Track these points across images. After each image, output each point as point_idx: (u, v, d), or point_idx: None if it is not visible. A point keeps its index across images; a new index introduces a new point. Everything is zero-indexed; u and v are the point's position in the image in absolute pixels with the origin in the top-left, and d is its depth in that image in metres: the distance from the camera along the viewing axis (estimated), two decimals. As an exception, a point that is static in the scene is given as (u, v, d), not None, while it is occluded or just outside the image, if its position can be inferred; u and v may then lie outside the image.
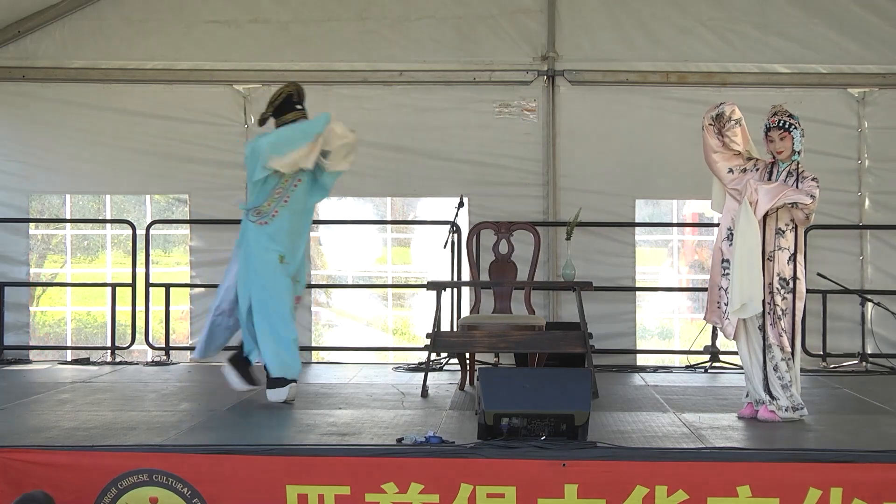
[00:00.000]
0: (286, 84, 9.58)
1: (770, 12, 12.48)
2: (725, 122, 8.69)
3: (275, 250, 9.25)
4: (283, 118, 9.45)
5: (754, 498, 6.71)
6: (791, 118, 8.74)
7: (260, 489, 6.76)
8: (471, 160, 12.50)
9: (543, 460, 6.77)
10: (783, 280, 8.53)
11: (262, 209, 9.29)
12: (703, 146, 8.80)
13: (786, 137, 8.69)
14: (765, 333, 8.52)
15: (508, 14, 12.56)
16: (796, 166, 8.68)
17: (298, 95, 9.56)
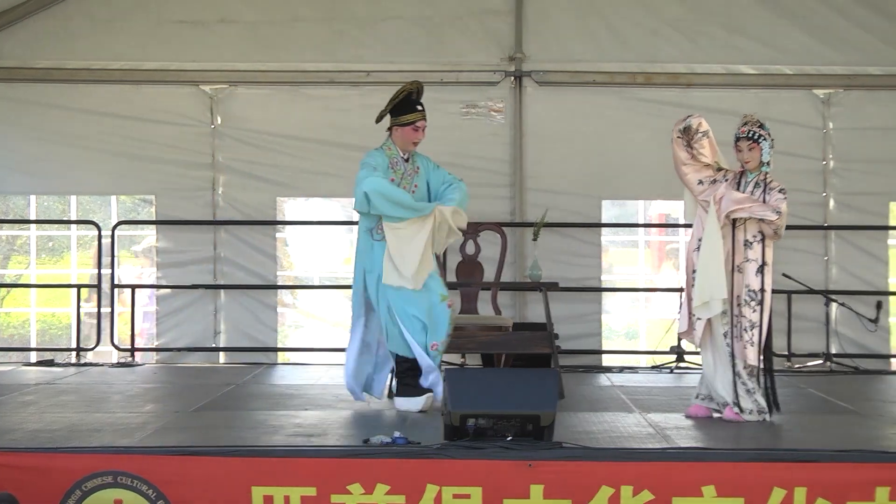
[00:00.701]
0: (408, 82, 9.23)
1: (736, 13, 12.53)
2: (693, 134, 8.73)
3: None
4: (401, 118, 9.12)
5: (719, 498, 6.73)
6: (761, 129, 8.75)
7: (225, 490, 6.74)
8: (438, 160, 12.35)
9: (509, 461, 6.77)
10: (752, 292, 8.56)
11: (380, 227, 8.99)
12: (674, 159, 8.83)
13: (754, 148, 8.72)
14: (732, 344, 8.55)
15: (476, 15, 12.57)
16: (764, 177, 8.71)
17: (418, 94, 9.22)
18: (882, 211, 12.57)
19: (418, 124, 9.11)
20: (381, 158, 9.05)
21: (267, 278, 12.55)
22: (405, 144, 9.15)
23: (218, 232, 12.54)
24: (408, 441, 7.21)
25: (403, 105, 9.12)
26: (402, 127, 9.12)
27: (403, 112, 9.12)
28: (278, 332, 12.70)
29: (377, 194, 8.78)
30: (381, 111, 9.20)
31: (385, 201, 8.80)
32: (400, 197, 8.87)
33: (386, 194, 8.81)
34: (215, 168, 12.54)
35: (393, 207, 8.82)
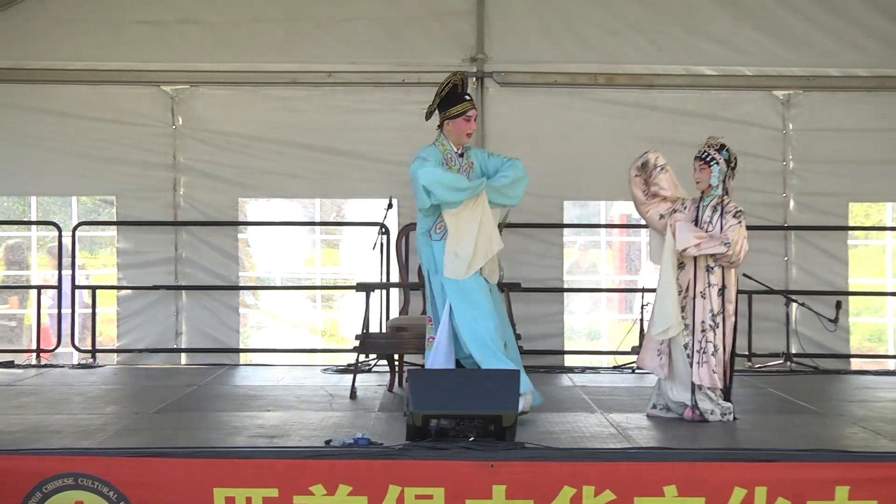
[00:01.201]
0: (451, 74, 9.05)
1: (697, 15, 12.58)
2: (651, 170, 8.84)
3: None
4: (451, 111, 8.91)
5: (680, 497, 6.76)
6: (717, 152, 8.79)
7: (187, 492, 6.72)
8: (400, 161, 12.45)
9: (472, 461, 6.78)
10: (714, 315, 8.61)
11: (442, 223, 8.76)
12: (633, 201, 8.92)
13: (704, 169, 8.79)
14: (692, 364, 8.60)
15: (437, 16, 12.57)
16: (720, 200, 8.74)
17: (464, 85, 9.02)
18: (841, 211, 12.64)
19: (469, 114, 8.90)
20: (435, 154, 8.89)
21: (229, 279, 12.52)
22: (458, 137, 8.94)
23: (179, 233, 12.50)
24: (370, 442, 7.21)
25: (451, 98, 8.93)
26: (452, 120, 8.90)
27: (452, 104, 8.92)
28: (240, 333, 12.67)
29: (435, 184, 8.59)
30: (428, 108, 9.09)
31: (444, 188, 8.61)
32: (455, 180, 8.69)
33: (443, 181, 8.63)
34: (176, 169, 12.50)
35: (453, 192, 8.63)
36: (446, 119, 8.92)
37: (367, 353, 10.75)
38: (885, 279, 13.16)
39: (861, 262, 13.53)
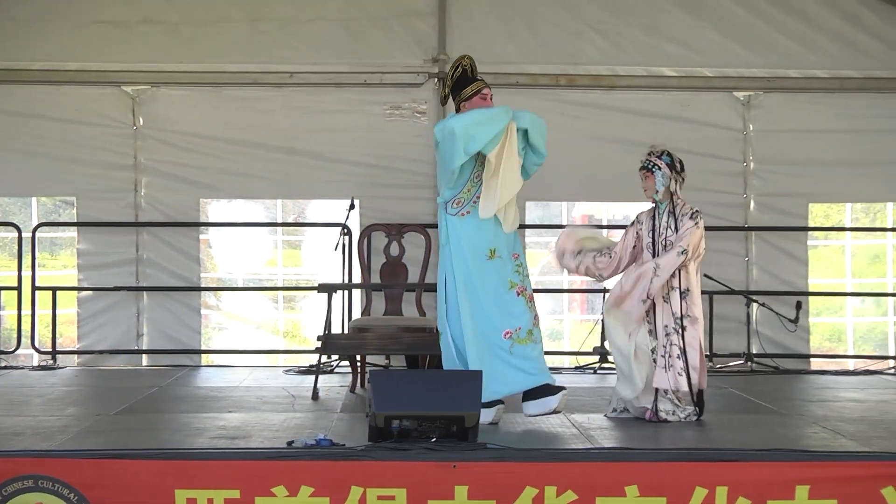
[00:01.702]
0: (459, 57, 8.86)
1: (658, 16, 12.63)
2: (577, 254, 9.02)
3: (483, 245, 8.54)
4: (465, 92, 8.69)
5: (642, 497, 6.77)
6: (658, 159, 8.84)
7: (148, 494, 6.69)
8: (362, 162, 12.50)
9: (434, 462, 6.77)
10: (677, 319, 8.65)
11: (462, 198, 8.57)
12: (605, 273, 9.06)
13: (648, 177, 8.84)
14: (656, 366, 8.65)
15: (399, 16, 12.57)
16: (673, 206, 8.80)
17: (472, 68, 8.80)
18: (801, 212, 12.71)
19: (484, 92, 8.69)
20: None
21: (190, 280, 12.49)
22: None
23: (140, 234, 12.46)
24: (332, 443, 7.20)
25: (462, 81, 8.75)
26: (468, 101, 8.68)
27: (465, 86, 8.72)
28: (202, 335, 12.63)
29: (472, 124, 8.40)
30: (442, 94, 8.98)
31: (478, 126, 8.40)
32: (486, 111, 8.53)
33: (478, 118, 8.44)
34: (137, 169, 12.46)
35: (491, 123, 8.42)
36: (462, 101, 8.72)
37: (329, 354, 10.76)
38: (844, 279, 13.24)
39: (821, 263, 13.60)
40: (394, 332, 10.32)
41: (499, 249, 8.53)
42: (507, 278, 8.55)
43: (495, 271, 8.51)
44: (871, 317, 13.81)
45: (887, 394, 10.51)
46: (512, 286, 8.53)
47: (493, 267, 8.51)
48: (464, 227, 8.52)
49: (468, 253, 8.49)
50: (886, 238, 13.28)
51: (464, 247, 8.50)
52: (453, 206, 8.57)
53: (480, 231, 8.51)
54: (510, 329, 8.49)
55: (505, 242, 8.58)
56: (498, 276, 8.52)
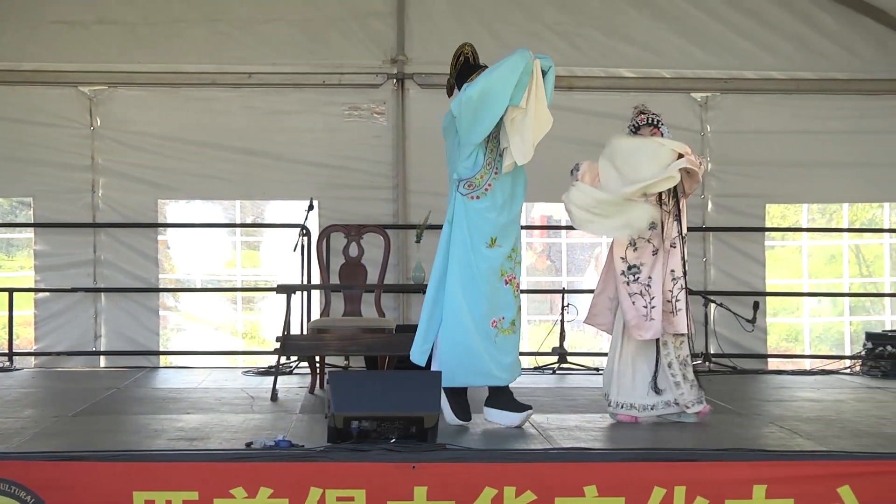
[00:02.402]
0: (460, 46, 8.71)
1: (616, 18, 12.67)
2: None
3: (486, 233, 8.43)
4: (470, 80, 8.49)
5: (601, 497, 6.80)
6: (655, 115, 9.00)
7: (106, 496, 6.67)
8: (321, 163, 12.48)
9: (393, 463, 6.78)
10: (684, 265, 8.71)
11: (475, 181, 8.45)
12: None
13: (656, 133, 8.93)
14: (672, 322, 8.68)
15: (358, 17, 12.56)
16: None
17: (474, 55, 8.69)
18: (758, 213, 12.78)
19: None
20: None
21: (148, 281, 12.44)
22: None
23: (98, 235, 12.40)
24: (291, 444, 7.19)
25: (466, 69, 8.61)
26: None
27: (469, 74, 8.56)
28: (160, 336, 12.59)
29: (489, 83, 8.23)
30: (447, 83, 8.75)
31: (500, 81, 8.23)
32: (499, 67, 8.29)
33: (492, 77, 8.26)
34: (95, 170, 12.40)
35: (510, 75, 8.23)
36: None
37: (287, 354, 10.75)
38: (801, 280, 13.32)
39: (778, 263, 13.68)
40: (353, 333, 10.32)
41: (500, 238, 8.45)
42: (500, 266, 8.47)
43: (492, 259, 8.44)
44: (828, 317, 13.90)
45: (843, 393, 10.58)
46: (502, 274, 8.47)
47: (491, 255, 8.43)
48: (470, 209, 8.43)
49: (469, 236, 8.41)
50: (842, 239, 13.38)
51: (465, 229, 8.42)
52: (465, 186, 8.46)
53: (485, 218, 8.42)
54: (496, 318, 8.43)
55: (505, 230, 8.50)
56: (493, 264, 8.45)
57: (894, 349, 11.84)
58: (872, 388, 10.99)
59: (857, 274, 13.82)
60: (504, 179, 8.50)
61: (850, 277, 13.47)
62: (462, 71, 8.64)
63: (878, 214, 13.75)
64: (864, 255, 13.97)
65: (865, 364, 12.03)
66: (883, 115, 12.75)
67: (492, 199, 8.45)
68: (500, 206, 8.46)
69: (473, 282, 8.38)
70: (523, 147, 8.34)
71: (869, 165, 12.72)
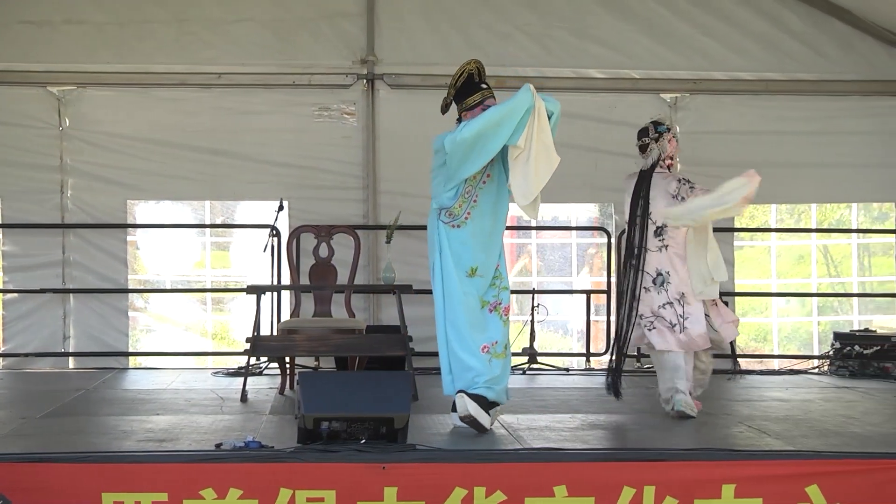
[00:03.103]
0: (466, 62, 8.49)
1: (586, 19, 12.69)
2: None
3: (466, 262, 8.39)
4: (467, 102, 8.41)
5: (571, 497, 6.82)
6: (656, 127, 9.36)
7: (75, 497, 6.66)
8: (291, 163, 12.46)
9: (363, 463, 6.79)
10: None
11: (455, 211, 8.42)
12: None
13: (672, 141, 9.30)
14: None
15: (328, 17, 12.55)
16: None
17: (479, 73, 8.48)
18: (729, 214, 12.82)
19: (487, 103, 8.38)
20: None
21: (118, 282, 12.40)
22: None
23: (67, 235, 12.34)
24: (261, 445, 7.19)
25: (466, 88, 8.45)
26: (471, 111, 8.40)
27: (468, 94, 8.43)
28: (129, 337, 12.54)
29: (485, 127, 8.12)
30: (443, 100, 8.60)
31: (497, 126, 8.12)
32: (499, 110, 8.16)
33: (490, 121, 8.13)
34: (63, 171, 12.35)
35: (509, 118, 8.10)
36: (465, 111, 8.46)
37: (257, 355, 10.73)
38: (770, 280, 13.37)
39: (746, 264, 13.74)
40: (323, 334, 10.30)
41: (481, 268, 8.42)
42: (480, 297, 8.44)
43: (474, 288, 8.40)
44: (796, 317, 13.98)
45: (812, 393, 10.64)
46: (483, 305, 8.45)
47: (472, 284, 8.39)
48: (452, 238, 8.41)
49: (452, 265, 8.39)
50: (811, 239, 13.45)
51: (449, 257, 8.40)
52: (446, 215, 8.44)
53: (466, 246, 8.38)
54: (487, 343, 8.38)
55: (487, 259, 8.45)
56: (476, 293, 8.41)
57: (862, 349, 11.90)
58: (840, 387, 11.05)
59: (826, 274, 13.90)
60: (483, 208, 8.44)
61: (819, 278, 13.55)
62: (462, 89, 8.49)
63: (845, 215, 13.82)
64: (832, 255, 14.06)
65: (833, 364, 12.09)
66: (851, 116, 12.82)
67: (471, 228, 8.40)
68: (480, 235, 8.42)
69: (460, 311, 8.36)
70: (525, 188, 8.24)
71: (837, 166, 12.77)
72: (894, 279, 13.02)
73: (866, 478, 6.98)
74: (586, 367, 12.39)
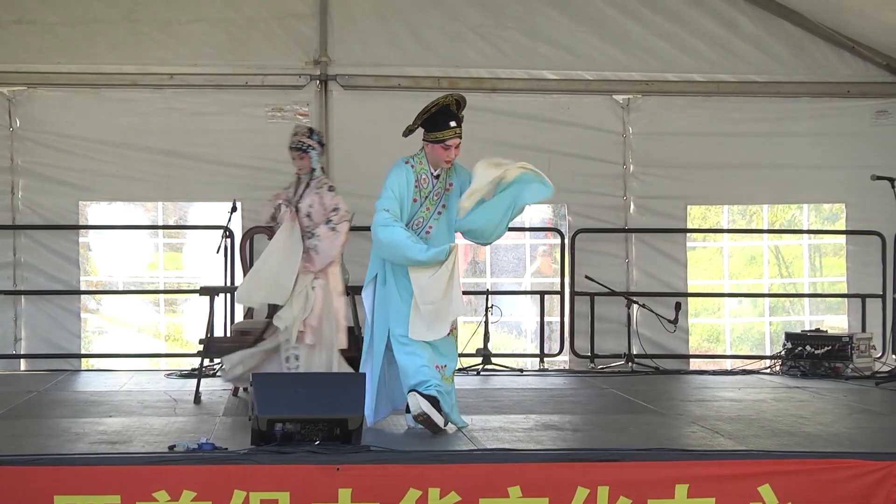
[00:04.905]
0: (443, 96, 8.44)
1: (538, 20, 12.71)
2: None
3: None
4: (431, 134, 8.34)
5: (525, 498, 6.83)
6: (310, 139, 9.39)
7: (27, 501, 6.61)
8: (244, 164, 12.43)
9: (317, 465, 6.78)
10: None
11: (421, 216, 8.39)
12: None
13: (304, 158, 9.37)
14: None
15: (280, 18, 12.52)
16: (317, 180, 9.45)
17: (458, 106, 8.41)
18: (680, 214, 12.88)
19: (449, 143, 8.31)
20: (405, 176, 8.35)
21: (70, 283, 12.32)
22: (436, 162, 8.39)
23: (18, 237, 12.26)
24: (214, 447, 7.16)
25: (437, 119, 8.35)
26: (432, 144, 8.36)
27: (435, 128, 8.34)
28: (81, 339, 12.47)
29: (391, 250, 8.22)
30: (408, 126, 8.47)
31: (397, 255, 8.22)
32: (413, 255, 8.11)
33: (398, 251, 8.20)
34: (14, 171, 12.26)
35: (406, 260, 8.19)
36: (427, 140, 8.41)
37: (211, 357, 10.69)
38: (722, 280, 13.44)
39: (699, 264, 13.81)
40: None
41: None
42: None
43: None
44: (748, 317, 14.06)
45: (763, 393, 10.69)
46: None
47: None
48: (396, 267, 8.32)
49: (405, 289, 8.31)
50: (762, 240, 13.54)
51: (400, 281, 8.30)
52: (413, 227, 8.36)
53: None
54: (438, 364, 8.34)
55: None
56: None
57: (813, 349, 11.97)
58: (792, 387, 11.11)
59: (777, 275, 13.98)
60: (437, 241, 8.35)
61: (770, 278, 13.63)
62: (431, 119, 8.38)
63: (797, 216, 13.91)
64: (783, 255, 14.14)
65: (785, 364, 12.16)
66: (801, 118, 12.91)
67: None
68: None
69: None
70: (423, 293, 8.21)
71: (788, 167, 12.85)
72: (845, 280, 13.10)
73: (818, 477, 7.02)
74: (540, 368, 12.41)
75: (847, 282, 13.06)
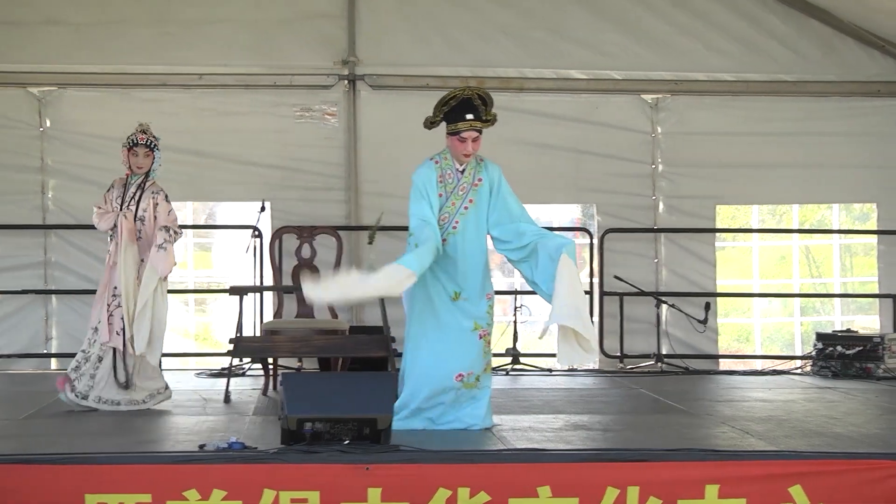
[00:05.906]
0: (461, 88, 8.37)
1: (566, 20, 12.70)
2: None
3: (448, 288, 8.26)
4: (449, 126, 8.24)
5: (554, 498, 6.81)
6: (154, 137, 9.38)
7: (58, 499, 6.62)
8: (272, 164, 12.45)
9: (346, 464, 6.77)
10: None
11: (447, 211, 8.30)
12: None
13: (149, 155, 9.34)
14: None
15: (308, 18, 12.54)
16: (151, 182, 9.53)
17: (482, 101, 8.27)
18: (709, 214, 12.84)
19: (464, 135, 8.22)
20: (430, 174, 8.30)
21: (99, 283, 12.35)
22: (456, 155, 8.30)
23: (48, 236, 12.31)
24: (244, 446, 7.17)
25: (456, 112, 8.24)
26: (450, 136, 8.29)
27: (452, 120, 8.25)
28: (110, 339, 12.48)
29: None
30: (427, 118, 8.39)
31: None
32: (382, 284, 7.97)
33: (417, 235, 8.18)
34: (44, 171, 12.31)
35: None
36: (447, 133, 8.32)
37: (240, 356, 10.72)
38: (751, 280, 13.41)
39: (728, 264, 13.78)
40: (306, 335, 10.30)
41: (465, 291, 8.27)
42: (475, 319, 8.32)
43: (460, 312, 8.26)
44: (778, 317, 14.01)
45: (794, 393, 10.66)
46: (476, 328, 8.33)
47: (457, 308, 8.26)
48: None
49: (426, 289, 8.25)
50: (792, 239, 13.49)
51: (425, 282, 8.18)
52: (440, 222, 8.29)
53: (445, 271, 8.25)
54: (462, 372, 8.30)
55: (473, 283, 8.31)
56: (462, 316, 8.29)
57: (844, 350, 11.93)
58: (822, 388, 11.07)
59: (807, 275, 13.94)
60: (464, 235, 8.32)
61: (800, 278, 13.59)
62: (452, 111, 8.27)
63: (826, 216, 13.86)
64: (813, 255, 14.10)
65: (816, 364, 12.11)
66: (831, 117, 12.86)
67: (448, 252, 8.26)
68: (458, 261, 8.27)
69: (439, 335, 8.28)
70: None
71: (818, 167, 12.81)
72: (876, 280, 13.04)
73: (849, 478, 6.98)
74: (569, 368, 12.38)
75: (878, 282, 13.00)
